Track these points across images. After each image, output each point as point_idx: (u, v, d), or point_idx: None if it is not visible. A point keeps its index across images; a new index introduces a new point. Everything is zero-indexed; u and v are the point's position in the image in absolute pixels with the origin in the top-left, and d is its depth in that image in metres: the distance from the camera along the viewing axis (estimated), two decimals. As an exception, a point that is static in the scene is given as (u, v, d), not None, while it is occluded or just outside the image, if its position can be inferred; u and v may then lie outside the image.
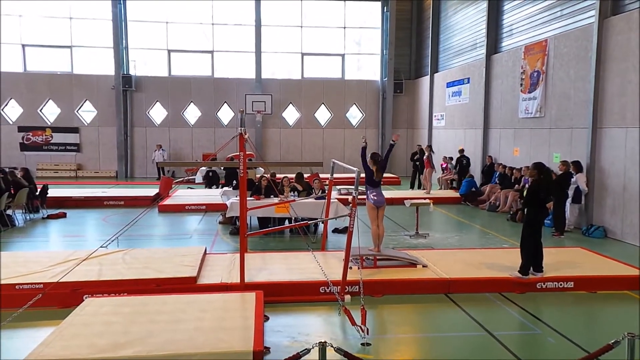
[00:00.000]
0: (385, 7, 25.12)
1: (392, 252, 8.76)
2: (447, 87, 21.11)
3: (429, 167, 17.36)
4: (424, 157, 17.87)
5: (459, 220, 13.66)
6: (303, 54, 25.36)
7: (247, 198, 7.81)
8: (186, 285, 7.12)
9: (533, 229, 7.66)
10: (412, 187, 19.90)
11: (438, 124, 22.31)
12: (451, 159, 19.27)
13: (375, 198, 8.36)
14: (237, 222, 10.91)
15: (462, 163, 18.11)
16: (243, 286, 6.94)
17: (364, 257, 8.06)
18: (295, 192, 11.80)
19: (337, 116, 25.60)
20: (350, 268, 7.63)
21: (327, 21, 25.32)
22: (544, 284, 7.57)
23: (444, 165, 19.77)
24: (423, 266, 8.07)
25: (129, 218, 8.15)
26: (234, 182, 14.10)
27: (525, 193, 7.95)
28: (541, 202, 7.67)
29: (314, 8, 25.24)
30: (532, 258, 7.66)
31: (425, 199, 12.54)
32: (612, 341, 4.32)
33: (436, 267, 8.04)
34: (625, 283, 7.70)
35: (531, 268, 7.69)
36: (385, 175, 24.00)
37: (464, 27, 19.85)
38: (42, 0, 23.41)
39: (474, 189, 16.20)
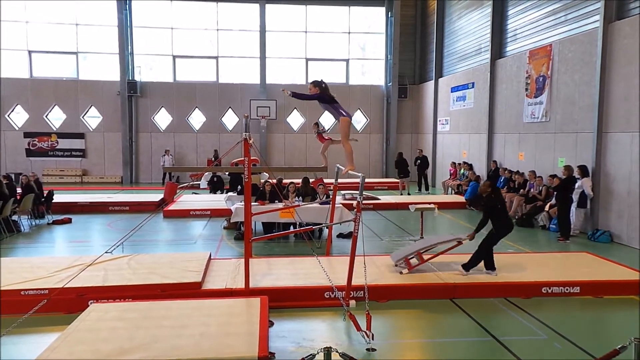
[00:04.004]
0: (389, 12, 25.17)
1: (433, 239, 8.73)
2: (452, 91, 21.10)
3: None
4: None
5: (464, 225, 13.62)
6: (307, 59, 25.41)
7: (252, 203, 7.81)
8: (191, 290, 7.12)
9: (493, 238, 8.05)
10: (419, 189, 20.32)
11: (442, 129, 22.28)
12: (460, 165, 19.29)
13: (348, 111, 7.85)
14: (242, 228, 10.93)
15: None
16: (248, 291, 6.94)
17: (408, 258, 8.07)
18: (300, 197, 11.81)
19: (342, 121, 25.52)
20: (401, 273, 7.66)
21: (331, 26, 25.35)
22: (549, 289, 7.54)
23: (452, 171, 19.80)
24: (462, 241, 8.23)
25: (134, 223, 8.17)
26: (239, 187, 14.13)
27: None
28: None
29: (318, 13, 25.29)
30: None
31: (430, 203, 12.51)
32: (619, 346, 4.29)
33: (441, 272, 8.02)
34: (631, 288, 7.65)
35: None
36: (390, 180, 23.81)
37: (468, 32, 19.86)
38: (49, 2, 23.58)
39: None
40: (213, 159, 23.18)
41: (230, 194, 14.71)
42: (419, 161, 20.47)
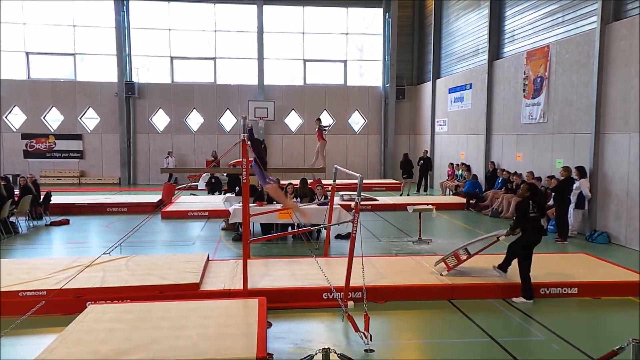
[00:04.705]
0: (387, 13, 25.19)
1: (472, 239, 8.62)
2: (450, 92, 21.12)
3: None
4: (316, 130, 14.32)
5: (462, 226, 13.64)
6: (305, 61, 25.42)
7: (250, 204, 7.81)
8: (189, 291, 7.12)
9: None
10: (418, 190, 20.46)
11: (440, 130, 22.31)
12: (457, 165, 19.34)
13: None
14: (240, 229, 10.92)
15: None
16: (246, 292, 6.93)
17: (445, 259, 8.00)
18: (298, 198, 11.81)
19: (340, 122, 25.60)
20: (441, 275, 7.75)
21: (329, 27, 25.37)
22: (547, 290, 7.54)
23: (450, 172, 19.83)
24: (500, 237, 8.01)
25: (132, 225, 8.16)
26: (237, 188, 14.11)
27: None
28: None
29: (316, 14, 25.31)
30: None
31: (428, 204, 12.51)
32: (617, 347, 4.30)
33: (439, 273, 8.02)
34: (629, 289, 7.66)
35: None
36: (387, 181, 23.89)
37: (466, 33, 19.89)
38: (47, 3, 23.56)
39: (477, 191, 16.43)
40: (212, 159, 23.16)
41: (228, 195, 14.70)
42: (421, 162, 20.58)
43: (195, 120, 25.07)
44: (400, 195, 19.35)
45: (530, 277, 7.36)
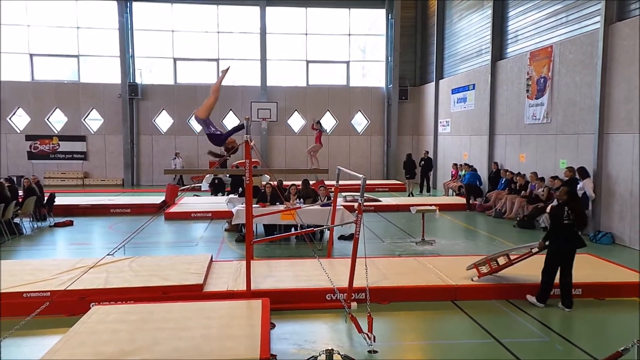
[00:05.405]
0: (390, 14, 25.18)
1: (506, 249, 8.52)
2: (453, 93, 21.09)
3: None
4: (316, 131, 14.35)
5: (465, 227, 13.62)
6: (308, 62, 25.43)
7: (253, 205, 7.81)
8: (192, 292, 7.13)
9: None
10: (420, 190, 20.58)
11: (443, 131, 22.28)
12: (461, 166, 19.33)
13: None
14: (243, 230, 10.93)
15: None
16: (249, 293, 6.93)
17: (477, 265, 7.87)
18: (301, 199, 11.81)
19: (343, 123, 25.61)
20: (472, 280, 7.69)
21: (331, 28, 25.37)
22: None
23: (453, 172, 19.81)
24: (533, 249, 7.62)
25: (136, 226, 8.18)
26: (240, 189, 14.12)
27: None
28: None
29: (318, 15, 25.31)
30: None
31: (431, 205, 12.50)
32: (622, 348, 4.28)
33: (442, 274, 8.02)
34: (633, 290, 7.63)
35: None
36: (390, 181, 23.94)
37: (469, 34, 19.86)
38: (50, 5, 23.64)
39: (477, 183, 16.81)
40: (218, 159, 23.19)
41: (231, 196, 14.70)
42: (422, 162, 20.62)
43: (198, 121, 25.04)
44: (409, 195, 19.44)
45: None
